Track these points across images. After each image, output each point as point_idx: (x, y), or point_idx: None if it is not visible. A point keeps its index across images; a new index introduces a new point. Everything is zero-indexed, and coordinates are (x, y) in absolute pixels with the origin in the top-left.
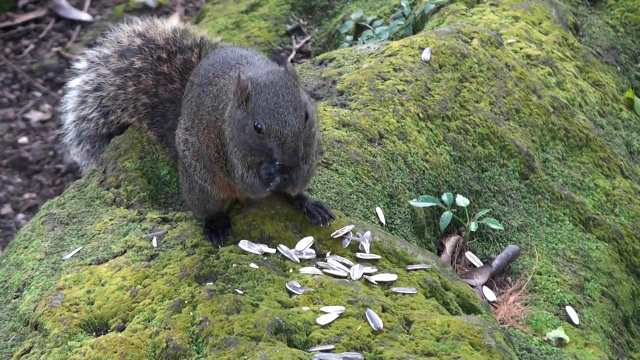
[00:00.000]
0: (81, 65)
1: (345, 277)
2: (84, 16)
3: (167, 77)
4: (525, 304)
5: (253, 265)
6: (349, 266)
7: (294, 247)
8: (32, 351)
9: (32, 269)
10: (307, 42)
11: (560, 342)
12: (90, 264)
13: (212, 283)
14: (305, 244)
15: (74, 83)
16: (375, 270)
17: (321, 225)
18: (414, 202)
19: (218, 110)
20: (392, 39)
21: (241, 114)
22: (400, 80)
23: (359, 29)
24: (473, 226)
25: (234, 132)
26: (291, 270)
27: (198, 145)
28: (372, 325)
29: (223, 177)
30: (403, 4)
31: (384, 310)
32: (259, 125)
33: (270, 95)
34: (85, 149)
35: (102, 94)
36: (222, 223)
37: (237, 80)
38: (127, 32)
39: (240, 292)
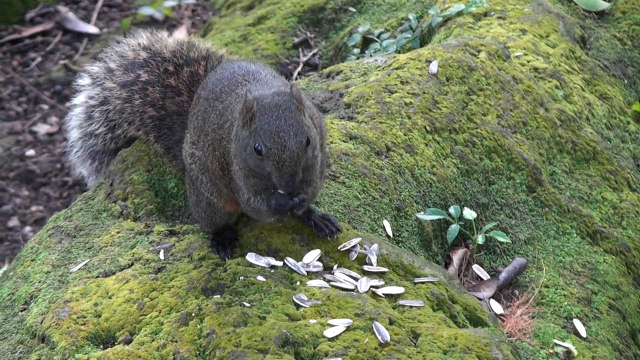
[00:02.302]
0: (84, 81)
1: (352, 290)
2: (92, 29)
3: (174, 90)
4: (533, 317)
5: (260, 278)
6: (356, 279)
7: (301, 259)
8: None
9: (39, 282)
10: (314, 54)
11: (568, 355)
12: (97, 277)
13: (219, 296)
14: (312, 256)
15: (78, 100)
16: (382, 283)
17: (328, 238)
18: (421, 215)
19: (223, 129)
20: (399, 52)
21: (245, 133)
22: (408, 93)
23: (366, 41)
24: (480, 239)
25: (238, 150)
26: (298, 283)
27: (204, 160)
28: (379, 338)
29: (229, 193)
30: (410, 17)
31: (391, 323)
32: (259, 147)
33: (273, 118)
34: (94, 166)
35: (108, 107)
36: (229, 236)
37: (244, 99)
38: (132, 46)
39: (248, 304)
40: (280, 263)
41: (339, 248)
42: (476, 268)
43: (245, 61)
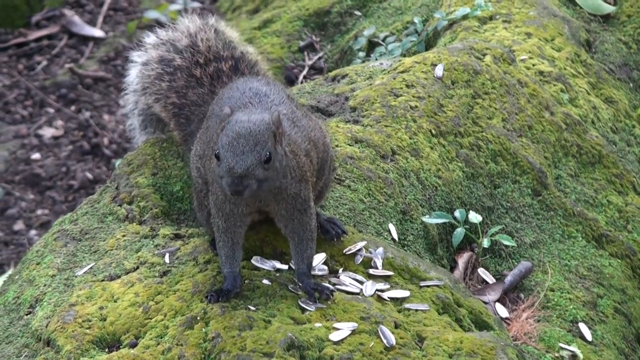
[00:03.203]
0: (150, 41)
1: (357, 294)
2: (97, 32)
3: (198, 81)
4: (538, 321)
5: (265, 281)
6: (361, 282)
7: None
8: None
9: (45, 285)
10: (319, 58)
11: (573, 358)
12: (102, 280)
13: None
14: (317, 260)
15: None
16: (387, 286)
17: (335, 239)
18: (426, 219)
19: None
20: (404, 56)
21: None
22: (413, 96)
23: (371, 45)
24: (486, 243)
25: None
26: None
27: (204, 172)
28: (384, 341)
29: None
30: (416, 21)
31: (396, 327)
32: (217, 151)
33: (238, 128)
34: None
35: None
36: None
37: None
38: (182, 29)
39: (253, 308)
40: (285, 266)
41: (344, 251)
42: (482, 271)
43: (261, 80)
